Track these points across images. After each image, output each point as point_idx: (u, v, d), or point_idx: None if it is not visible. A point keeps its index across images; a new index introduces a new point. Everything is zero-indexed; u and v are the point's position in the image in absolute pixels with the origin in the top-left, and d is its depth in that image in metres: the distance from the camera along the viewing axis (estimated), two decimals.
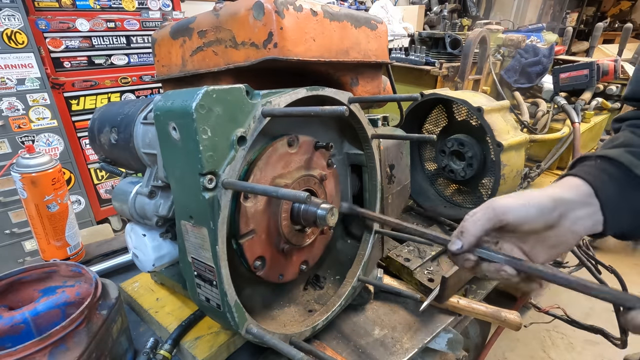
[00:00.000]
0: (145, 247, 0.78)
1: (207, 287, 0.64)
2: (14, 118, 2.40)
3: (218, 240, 0.58)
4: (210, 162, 0.55)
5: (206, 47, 0.77)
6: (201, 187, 0.55)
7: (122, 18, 2.80)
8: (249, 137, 0.59)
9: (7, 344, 0.65)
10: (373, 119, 0.91)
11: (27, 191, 1.01)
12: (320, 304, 0.86)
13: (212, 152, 0.55)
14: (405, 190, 1.05)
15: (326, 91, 0.72)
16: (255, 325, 0.66)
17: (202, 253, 0.61)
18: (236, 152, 0.58)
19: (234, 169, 0.58)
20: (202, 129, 0.53)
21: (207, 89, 0.53)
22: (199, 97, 0.52)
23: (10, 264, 2.51)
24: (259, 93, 0.61)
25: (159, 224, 0.77)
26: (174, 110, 0.55)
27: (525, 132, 1.76)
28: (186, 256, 0.66)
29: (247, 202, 0.65)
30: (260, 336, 0.64)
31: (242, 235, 0.66)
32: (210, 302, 0.65)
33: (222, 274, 0.60)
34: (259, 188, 0.54)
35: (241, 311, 0.64)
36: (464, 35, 1.96)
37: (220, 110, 0.55)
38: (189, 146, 0.55)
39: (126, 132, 0.82)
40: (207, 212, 0.57)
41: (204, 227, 0.59)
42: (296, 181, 0.73)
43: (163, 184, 0.75)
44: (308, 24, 0.69)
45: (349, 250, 0.96)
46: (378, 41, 0.85)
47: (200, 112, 0.52)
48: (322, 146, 0.78)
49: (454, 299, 1.00)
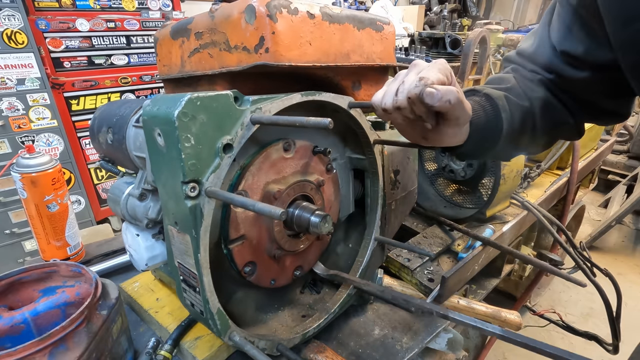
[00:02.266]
0: (138, 247, 0.79)
1: (191, 292, 0.64)
2: (14, 118, 2.41)
3: (200, 248, 0.57)
4: (193, 170, 0.54)
5: (202, 48, 0.76)
6: (184, 195, 0.54)
7: (122, 18, 2.80)
8: (236, 145, 0.58)
9: (7, 344, 0.65)
10: (380, 122, 0.90)
11: (27, 191, 1.01)
12: (315, 309, 0.85)
13: (195, 160, 0.54)
14: (410, 196, 1.03)
15: (324, 96, 0.71)
16: (240, 332, 0.65)
17: (187, 259, 0.61)
18: (221, 160, 0.56)
19: (218, 177, 0.57)
20: (185, 137, 0.52)
21: (190, 96, 0.52)
22: (182, 105, 0.51)
23: (10, 264, 2.51)
24: (249, 99, 0.60)
25: (149, 226, 0.77)
26: (159, 117, 0.54)
27: None
28: (173, 260, 0.66)
29: (237, 208, 0.64)
30: (242, 345, 0.63)
31: (231, 241, 0.66)
32: (195, 307, 0.65)
33: (204, 282, 0.59)
34: (237, 200, 0.53)
35: (224, 318, 0.63)
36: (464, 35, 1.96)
37: (204, 118, 0.54)
38: (172, 153, 0.54)
39: (120, 134, 0.82)
40: (189, 220, 0.56)
41: (187, 234, 0.58)
42: (290, 187, 0.71)
43: (153, 187, 0.75)
44: (304, 28, 0.66)
45: (348, 255, 0.95)
46: (384, 43, 0.82)
47: (183, 120, 0.51)
48: (320, 151, 0.77)
49: (454, 299, 1.00)
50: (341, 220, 0.93)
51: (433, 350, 0.93)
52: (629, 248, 3.33)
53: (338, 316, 0.87)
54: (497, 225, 1.28)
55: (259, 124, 0.60)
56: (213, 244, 0.65)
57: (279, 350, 0.72)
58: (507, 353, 2.23)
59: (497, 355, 2.22)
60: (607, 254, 3.18)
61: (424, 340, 0.86)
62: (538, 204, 1.46)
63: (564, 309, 2.49)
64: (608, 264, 2.95)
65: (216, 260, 0.63)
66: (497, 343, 1.60)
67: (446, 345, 0.92)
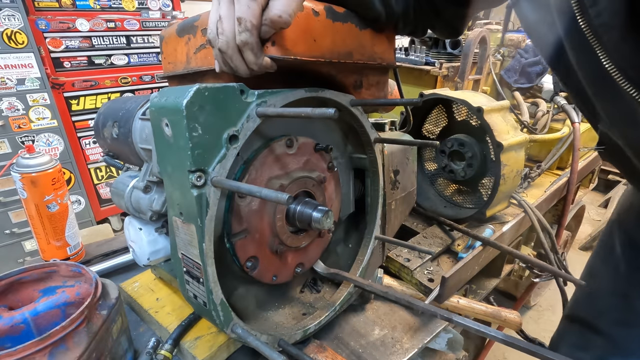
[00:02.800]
0: (141, 241, 0.79)
1: (194, 284, 0.64)
2: (14, 118, 2.41)
3: (205, 237, 0.58)
4: (200, 159, 0.55)
5: (209, 44, 0.77)
6: (190, 184, 0.55)
7: (122, 18, 2.80)
8: (242, 137, 0.59)
9: (7, 344, 0.65)
10: (380, 123, 0.91)
11: (27, 191, 1.01)
12: (315, 307, 0.85)
13: (202, 149, 0.55)
14: (410, 197, 1.03)
15: (326, 93, 0.72)
16: (242, 325, 0.66)
17: (191, 250, 0.62)
18: (227, 150, 0.58)
19: (224, 167, 0.58)
20: (192, 126, 0.53)
21: (199, 86, 0.53)
22: (191, 95, 0.52)
23: (10, 264, 2.51)
24: (255, 92, 0.61)
25: (153, 219, 0.78)
26: (167, 107, 0.55)
27: (525, 132, 1.77)
28: (177, 252, 0.66)
29: (241, 201, 0.65)
30: (245, 337, 0.63)
31: (234, 235, 0.66)
32: (198, 299, 0.65)
33: (208, 272, 0.60)
34: (244, 187, 0.54)
35: (227, 310, 0.64)
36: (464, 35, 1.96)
37: (212, 108, 0.55)
38: (180, 143, 0.55)
39: (126, 127, 0.83)
40: (195, 209, 0.57)
41: (193, 224, 0.59)
42: (293, 182, 0.72)
43: (157, 179, 0.76)
44: (309, 24, 0.68)
45: (349, 254, 0.95)
46: (384, 44, 0.83)
47: (191, 109, 0.52)
48: (322, 148, 0.78)
49: (454, 299, 1.00)
50: (342, 220, 0.94)
51: (433, 350, 0.93)
52: None
53: (338, 315, 0.87)
54: (497, 226, 1.28)
55: (264, 117, 0.61)
56: (216, 239, 0.66)
57: (281, 345, 0.72)
58: (507, 353, 2.23)
59: (497, 355, 2.22)
60: None
61: (424, 340, 0.86)
62: (538, 204, 1.46)
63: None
64: None
65: (218, 255, 0.64)
66: (497, 343, 1.60)
67: (446, 345, 0.92)
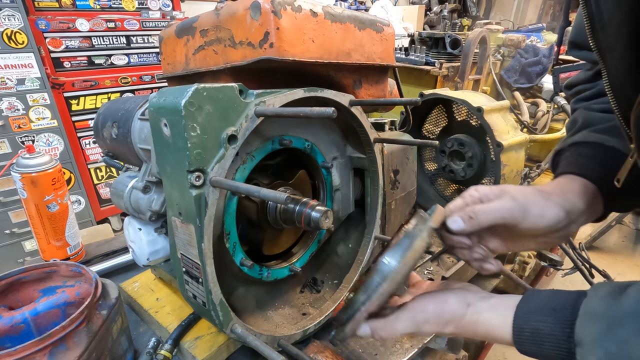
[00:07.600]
0: (140, 241, 0.79)
1: (194, 284, 0.64)
2: (14, 118, 2.40)
3: (204, 237, 0.58)
4: (198, 159, 0.55)
5: (207, 45, 0.78)
6: (189, 184, 0.55)
7: (122, 18, 2.80)
8: (240, 136, 0.59)
9: (7, 344, 0.65)
10: (380, 122, 0.90)
11: (27, 191, 1.01)
12: (315, 307, 0.85)
13: (201, 149, 0.55)
14: (410, 197, 1.03)
15: (326, 93, 0.72)
16: (241, 325, 0.66)
17: (190, 250, 0.62)
18: (226, 150, 0.58)
19: (223, 167, 0.58)
20: (191, 126, 0.53)
21: (197, 86, 0.53)
22: (189, 95, 0.52)
23: (10, 264, 2.51)
24: (253, 92, 0.61)
25: (153, 219, 0.78)
26: (166, 107, 0.55)
27: (525, 132, 1.77)
28: (176, 252, 0.66)
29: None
30: (244, 337, 0.63)
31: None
32: (197, 299, 0.65)
33: (207, 272, 0.60)
34: (242, 187, 0.54)
35: (226, 310, 0.64)
36: (464, 35, 1.96)
37: (210, 108, 0.55)
38: (178, 143, 0.55)
39: (125, 128, 0.83)
40: (194, 209, 0.57)
41: (191, 224, 0.59)
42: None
43: (157, 180, 0.76)
44: (307, 25, 0.68)
45: (349, 254, 0.95)
46: (384, 44, 0.84)
47: (190, 109, 0.53)
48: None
49: None
50: (342, 220, 0.93)
51: (433, 350, 0.93)
52: (629, 248, 3.33)
53: None
54: None
55: (263, 116, 0.61)
56: (215, 239, 0.65)
57: (280, 345, 0.72)
58: (507, 353, 2.23)
59: (497, 355, 2.22)
60: (607, 254, 3.18)
61: (424, 340, 0.86)
62: None
63: None
64: (608, 264, 2.95)
65: (217, 255, 0.64)
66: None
67: (446, 345, 0.92)
